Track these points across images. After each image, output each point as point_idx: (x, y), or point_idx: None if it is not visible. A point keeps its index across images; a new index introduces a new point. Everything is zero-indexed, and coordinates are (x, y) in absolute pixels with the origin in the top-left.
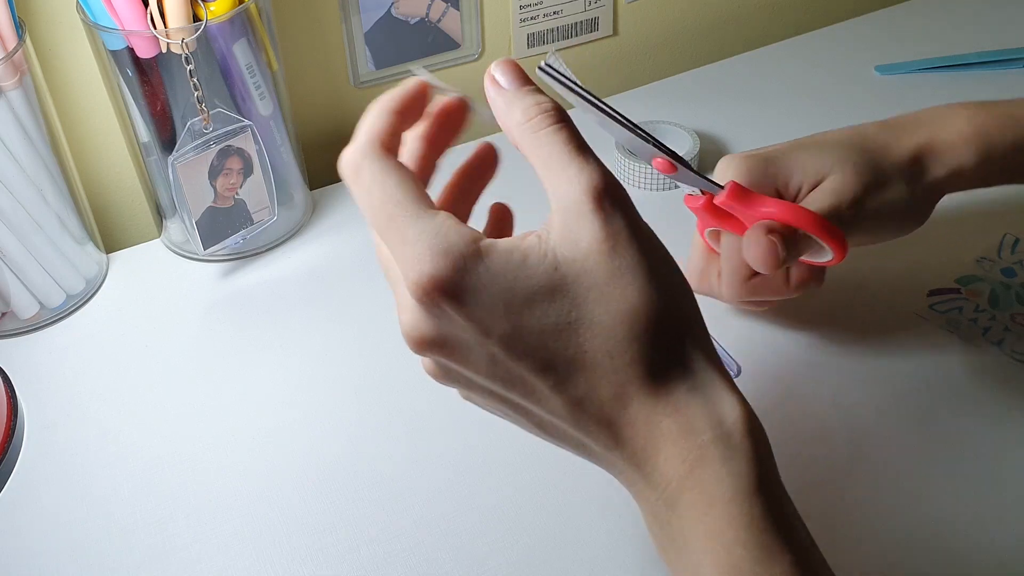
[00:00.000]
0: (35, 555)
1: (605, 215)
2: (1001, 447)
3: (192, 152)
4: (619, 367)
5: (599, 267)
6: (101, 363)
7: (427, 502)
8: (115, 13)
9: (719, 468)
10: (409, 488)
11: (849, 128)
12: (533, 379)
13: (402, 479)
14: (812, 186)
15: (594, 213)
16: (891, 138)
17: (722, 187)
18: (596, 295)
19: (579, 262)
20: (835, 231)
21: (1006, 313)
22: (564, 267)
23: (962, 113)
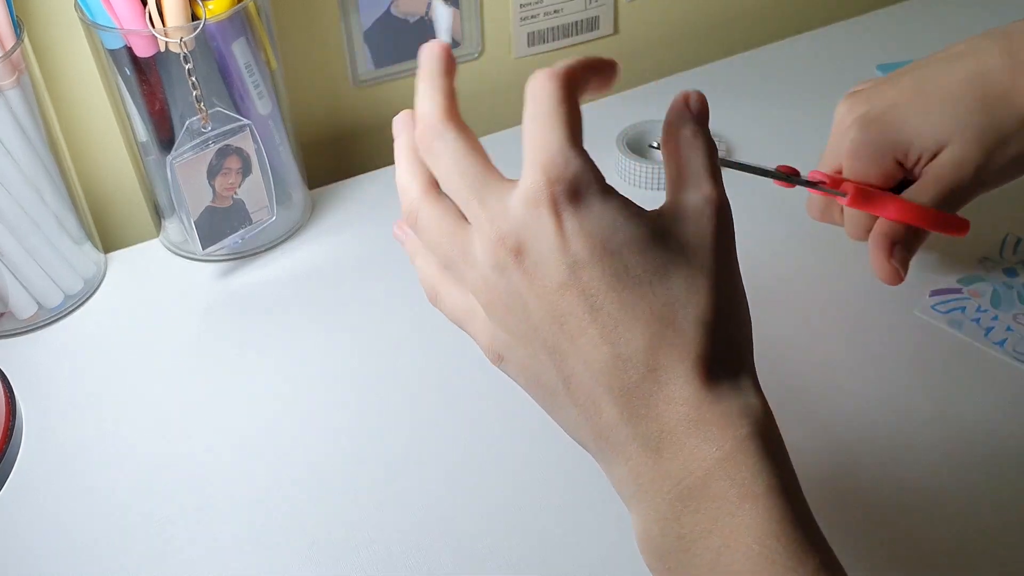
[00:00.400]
0: (34, 555)
1: (720, 223)
2: (1003, 447)
3: (191, 151)
4: (676, 342)
5: (700, 254)
6: (100, 363)
7: (427, 502)
8: (113, 12)
9: (757, 462)
10: (409, 489)
11: (971, 62)
12: (590, 319)
13: (402, 480)
14: (931, 156)
15: (712, 218)
16: (1014, 80)
17: (843, 194)
18: (687, 274)
19: (687, 239)
20: (958, 223)
21: (1008, 313)
22: (671, 236)
23: None
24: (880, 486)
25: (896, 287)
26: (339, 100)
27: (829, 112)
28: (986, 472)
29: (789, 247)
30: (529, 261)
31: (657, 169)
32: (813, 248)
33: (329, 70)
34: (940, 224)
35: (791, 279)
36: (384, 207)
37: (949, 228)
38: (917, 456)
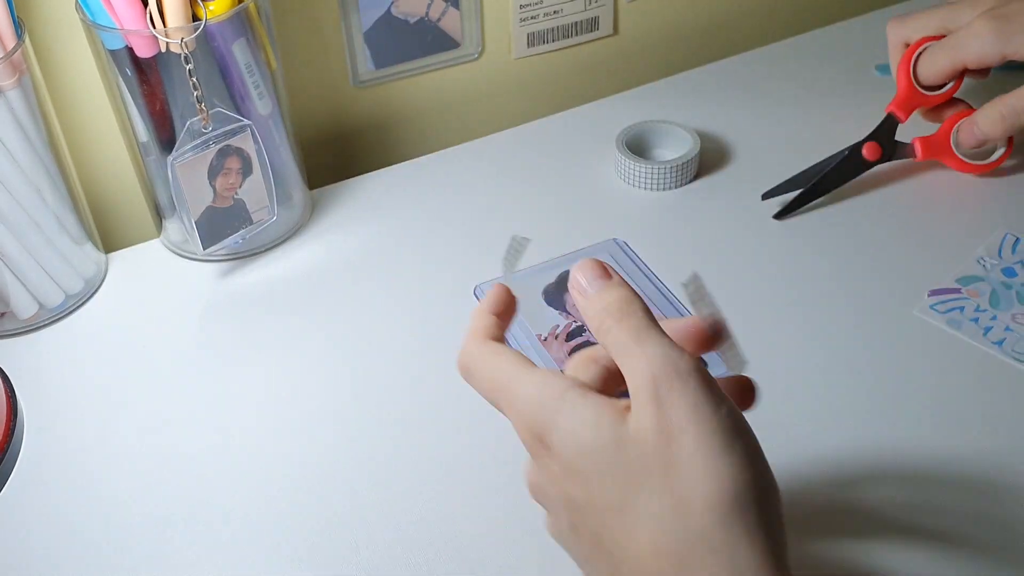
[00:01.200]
0: (34, 555)
1: (657, 406)
2: (1002, 447)
3: (191, 152)
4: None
5: (655, 458)
6: (100, 363)
7: (427, 502)
8: (114, 12)
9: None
10: (409, 489)
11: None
12: (592, 551)
13: (402, 479)
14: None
15: (647, 405)
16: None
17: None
18: (652, 486)
19: (638, 448)
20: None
21: (1007, 313)
22: (624, 449)
23: None
24: (880, 486)
25: (895, 287)
26: (339, 100)
27: (829, 112)
28: (986, 472)
29: (788, 247)
30: (538, 489)
31: (657, 169)
32: (812, 248)
33: (329, 70)
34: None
35: (790, 279)
36: (384, 207)
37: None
38: (916, 456)
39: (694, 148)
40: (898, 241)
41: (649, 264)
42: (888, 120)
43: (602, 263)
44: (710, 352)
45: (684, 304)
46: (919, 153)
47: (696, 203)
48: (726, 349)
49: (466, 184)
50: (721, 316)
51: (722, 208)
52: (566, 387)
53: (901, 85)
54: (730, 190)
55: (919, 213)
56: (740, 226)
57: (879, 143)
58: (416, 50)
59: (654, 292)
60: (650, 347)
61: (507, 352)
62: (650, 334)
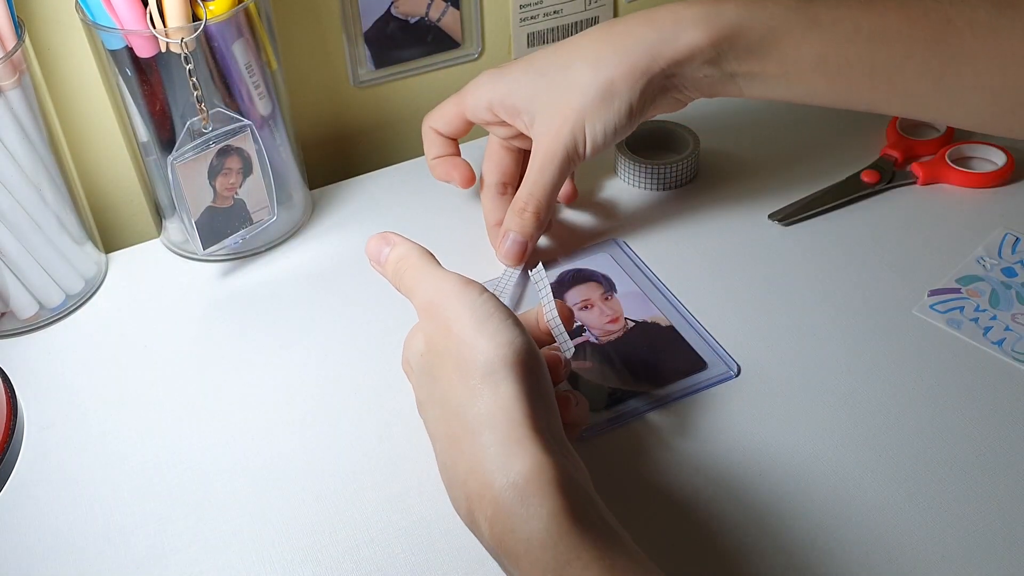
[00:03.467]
0: (34, 555)
1: (431, 317)
2: (1001, 447)
3: (191, 152)
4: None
5: (442, 349)
6: (100, 363)
7: (427, 502)
8: (114, 13)
9: (511, 515)
10: (409, 488)
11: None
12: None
13: (402, 479)
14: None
15: (427, 319)
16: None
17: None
18: (448, 367)
19: (431, 348)
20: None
21: (1007, 313)
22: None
23: None
24: (879, 485)
25: (895, 287)
26: (339, 100)
27: (830, 111)
28: (986, 472)
29: (787, 246)
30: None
31: (657, 169)
32: (811, 247)
33: (329, 70)
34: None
35: (789, 278)
36: (384, 207)
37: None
38: (916, 456)
39: (694, 148)
40: (898, 241)
41: (648, 263)
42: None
43: (384, 235)
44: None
45: (684, 304)
46: (920, 177)
47: (696, 203)
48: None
49: None
50: (553, 311)
51: (722, 208)
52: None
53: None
54: (730, 190)
55: (919, 213)
56: (740, 226)
57: (879, 171)
58: (416, 50)
59: (653, 291)
60: (426, 281)
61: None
62: (427, 271)
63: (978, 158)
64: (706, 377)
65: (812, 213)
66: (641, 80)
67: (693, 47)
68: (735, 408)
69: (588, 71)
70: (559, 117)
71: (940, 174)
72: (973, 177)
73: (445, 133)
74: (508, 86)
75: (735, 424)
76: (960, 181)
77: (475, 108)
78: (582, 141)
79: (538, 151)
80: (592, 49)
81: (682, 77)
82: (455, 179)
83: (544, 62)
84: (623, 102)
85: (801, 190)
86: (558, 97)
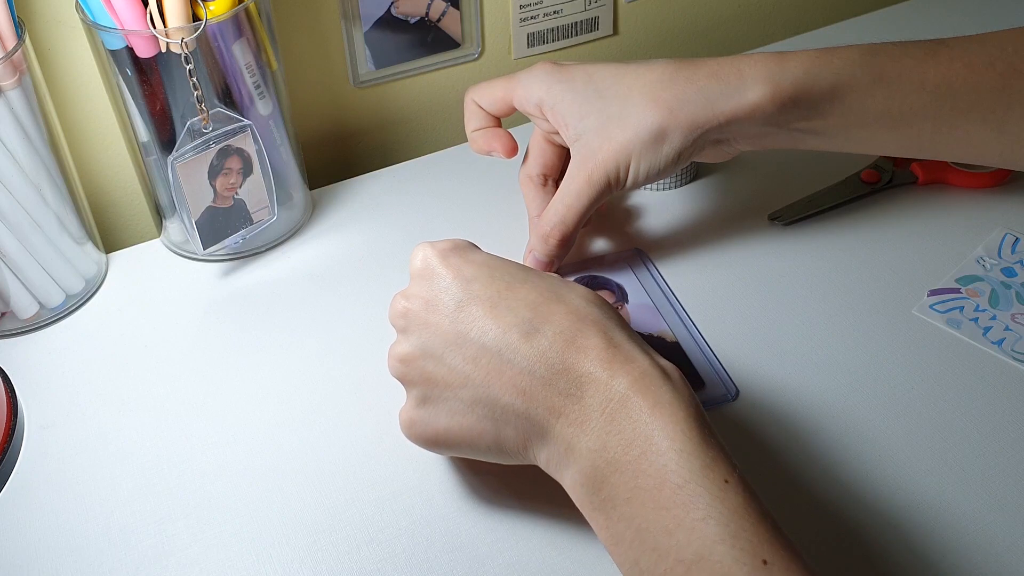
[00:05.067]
0: (34, 554)
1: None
2: (1001, 447)
3: (191, 152)
4: (568, 310)
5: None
6: (100, 363)
7: (427, 502)
8: (114, 13)
9: (660, 384)
10: (409, 488)
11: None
12: (485, 312)
13: (401, 479)
14: None
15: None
16: None
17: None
18: (554, 277)
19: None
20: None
21: (1007, 313)
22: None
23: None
24: (878, 485)
25: (895, 287)
26: (339, 100)
27: None
28: (986, 472)
29: (787, 246)
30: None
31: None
32: (811, 247)
33: (329, 70)
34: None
35: (790, 278)
36: (384, 207)
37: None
38: (915, 455)
39: None
40: (898, 241)
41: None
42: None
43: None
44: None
45: (692, 318)
46: (920, 177)
47: (696, 203)
48: None
49: (466, 184)
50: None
51: (722, 208)
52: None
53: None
54: (730, 190)
55: (919, 213)
56: (740, 226)
57: (879, 171)
58: (416, 50)
59: (665, 304)
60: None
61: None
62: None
63: None
64: (702, 398)
65: (812, 213)
66: (695, 132)
67: (755, 106)
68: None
69: (645, 109)
70: (606, 147)
71: (940, 174)
72: (973, 177)
73: (488, 110)
74: (563, 94)
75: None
76: (960, 181)
77: (524, 100)
78: (624, 176)
79: (578, 175)
80: (654, 88)
81: (738, 131)
82: (497, 150)
83: (605, 84)
84: (672, 149)
85: (801, 190)
86: (610, 126)
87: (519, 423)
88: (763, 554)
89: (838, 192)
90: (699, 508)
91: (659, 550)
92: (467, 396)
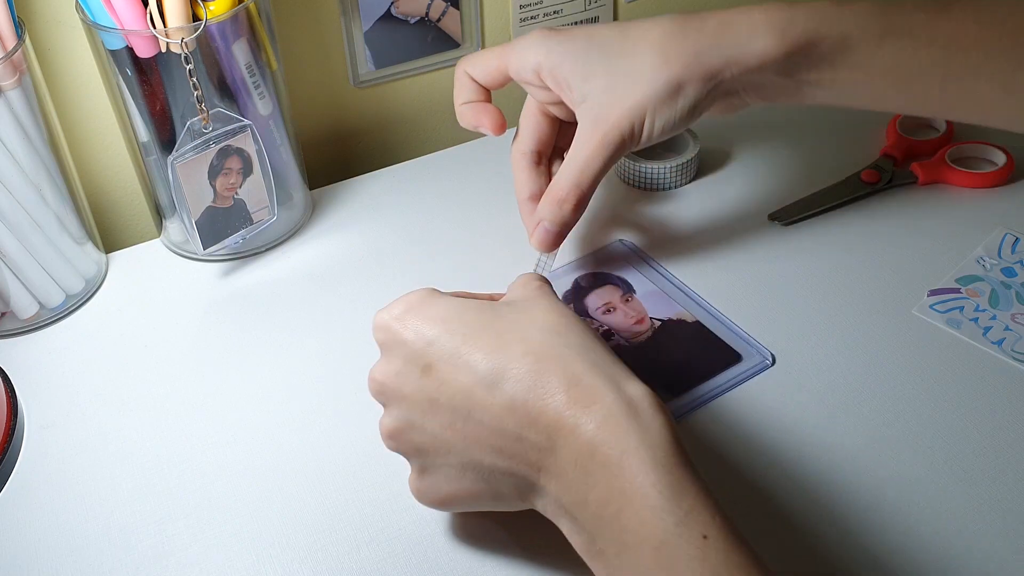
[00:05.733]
0: (34, 555)
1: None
2: (1001, 447)
3: (191, 152)
4: (529, 350)
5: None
6: (100, 363)
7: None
8: (114, 13)
9: (626, 422)
10: (409, 488)
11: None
12: (450, 366)
13: (402, 479)
14: None
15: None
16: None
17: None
18: (520, 309)
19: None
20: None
21: (1007, 313)
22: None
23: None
24: (879, 485)
25: (895, 286)
26: (339, 100)
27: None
28: (985, 472)
29: (787, 246)
30: (393, 379)
31: (657, 169)
32: (811, 247)
33: (329, 70)
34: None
35: (790, 278)
36: (384, 207)
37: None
38: (916, 455)
39: (694, 148)
40: (898, 241)
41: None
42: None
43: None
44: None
45: (698, 293)
46: (920, 177)
47: (696, 203)
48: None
49: (466, 184)
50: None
51: (722, 208)
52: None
53: (889, 135)
54: (730, 190)
55: (919, 213)
56: (740, 226)
57: (879, 171)
58: (416, 50)
59: (671, 288)
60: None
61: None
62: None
63: (978, 158)
64: (743, 369)
65: (812, 213)
66: (710, 83)
67: (766, 56)
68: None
69: (657, 63)
70: (619, 105)
71: (940, 174)
72: (973, 177)
73: (481, 82)
74: (563, 56)
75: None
76: (960, 181)
77: (520, 68)
78: (639, 133)
79: (591, 137)
80: (664, 42)
81: (749, 83)
82: (485, 125)
83: (607, 40)
84: (688, 102)
85: (801, 190)
86: (620, 84)
87: (509, 480)
88: None
89: (838, 192)
90: (677, 571)
91: None
92: (455, 462)
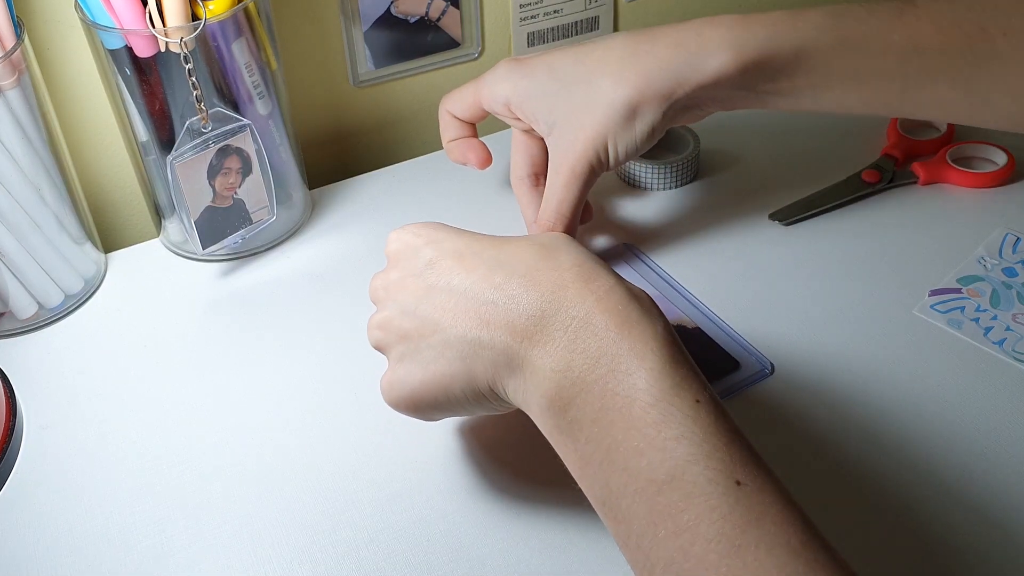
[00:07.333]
0: (34, 555)
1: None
2: (1001, 447)
3: (191, 151)
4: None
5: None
6: (100, 363)
7: (427, 502)
8: (113, 12)
9: (627, 301)
10: (409, 488)
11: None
12: (454, 263)
13: (402, 479)
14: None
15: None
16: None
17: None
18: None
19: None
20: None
21: (1008, 313)
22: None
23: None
24: (879, 485)
25: (896, 287)
26: (339, 100)
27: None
28: (986, 472)
29: (788, 246)
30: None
31: (657, 169)
32: (812, 247)
33: (329, 70)
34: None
35: (790, 279)
36: (384, 207)
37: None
38: (916, 456)
39: (694, 148)
40: (899, 240)
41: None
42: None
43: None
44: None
45: (698, 298)
46: (921, 177)
47: (696, 203)
48: None
49: (466, 184)
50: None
51: (722, 208)
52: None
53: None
54: (730, 190)
55: (920, 213)
56: (740, 226)
57: (880, 171)
58: (416, 50)
59: (671, 292)
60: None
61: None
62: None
63: (979, 158)
64: (740, 377)
65: (812, 213)
66: (664, 103)
67: (719, 73)
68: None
69: (612, 89)
70: (582, 135)
71: (941, 174)
72: (974, 177)
73: (462, 118)
74: (528, 89)
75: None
76: (961, 181)
77: (492, 102)
78: (605, 159)
79: (562, 167)
80: (617, 66)
81: (706, 97)
82: (471, 160)
83: (566, 71)
84: (645, 124)
85: (801, 190)
86: (580, 112)
87: (486, 355)
88: (737, 475)
89: (838, 192)
90: (671, 427)
91: (629, 470)
92: (438, 341)
